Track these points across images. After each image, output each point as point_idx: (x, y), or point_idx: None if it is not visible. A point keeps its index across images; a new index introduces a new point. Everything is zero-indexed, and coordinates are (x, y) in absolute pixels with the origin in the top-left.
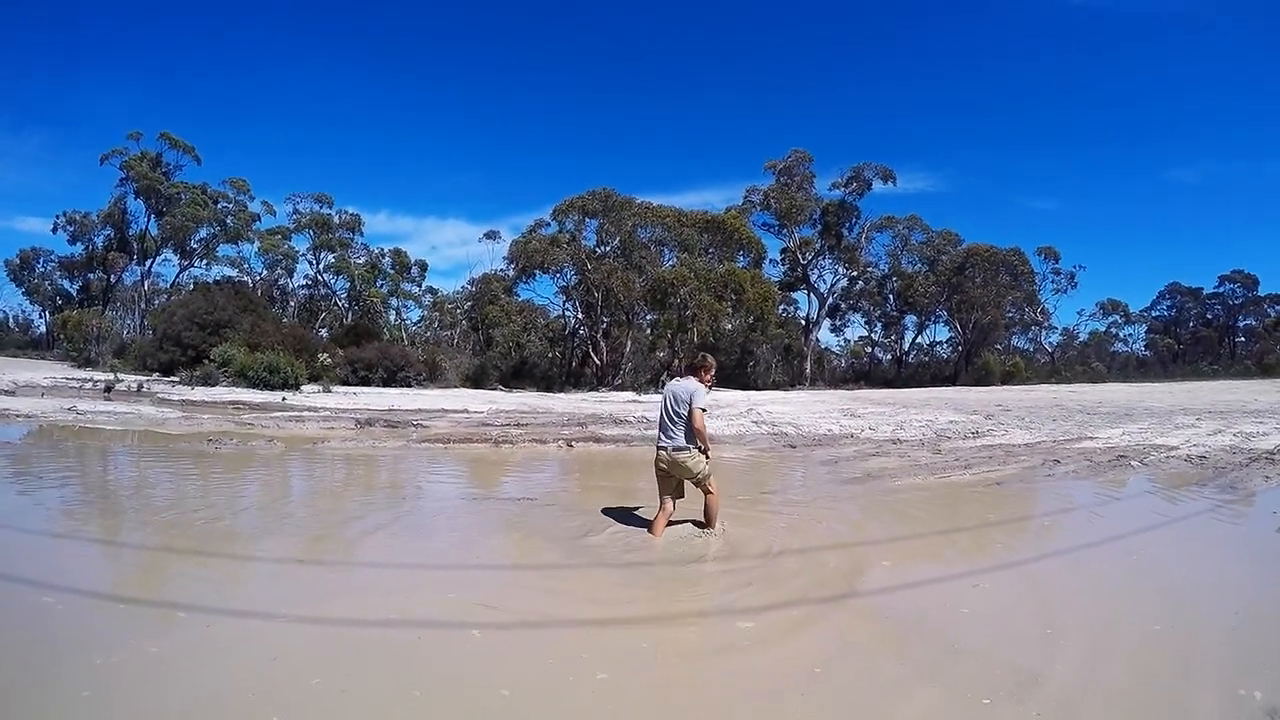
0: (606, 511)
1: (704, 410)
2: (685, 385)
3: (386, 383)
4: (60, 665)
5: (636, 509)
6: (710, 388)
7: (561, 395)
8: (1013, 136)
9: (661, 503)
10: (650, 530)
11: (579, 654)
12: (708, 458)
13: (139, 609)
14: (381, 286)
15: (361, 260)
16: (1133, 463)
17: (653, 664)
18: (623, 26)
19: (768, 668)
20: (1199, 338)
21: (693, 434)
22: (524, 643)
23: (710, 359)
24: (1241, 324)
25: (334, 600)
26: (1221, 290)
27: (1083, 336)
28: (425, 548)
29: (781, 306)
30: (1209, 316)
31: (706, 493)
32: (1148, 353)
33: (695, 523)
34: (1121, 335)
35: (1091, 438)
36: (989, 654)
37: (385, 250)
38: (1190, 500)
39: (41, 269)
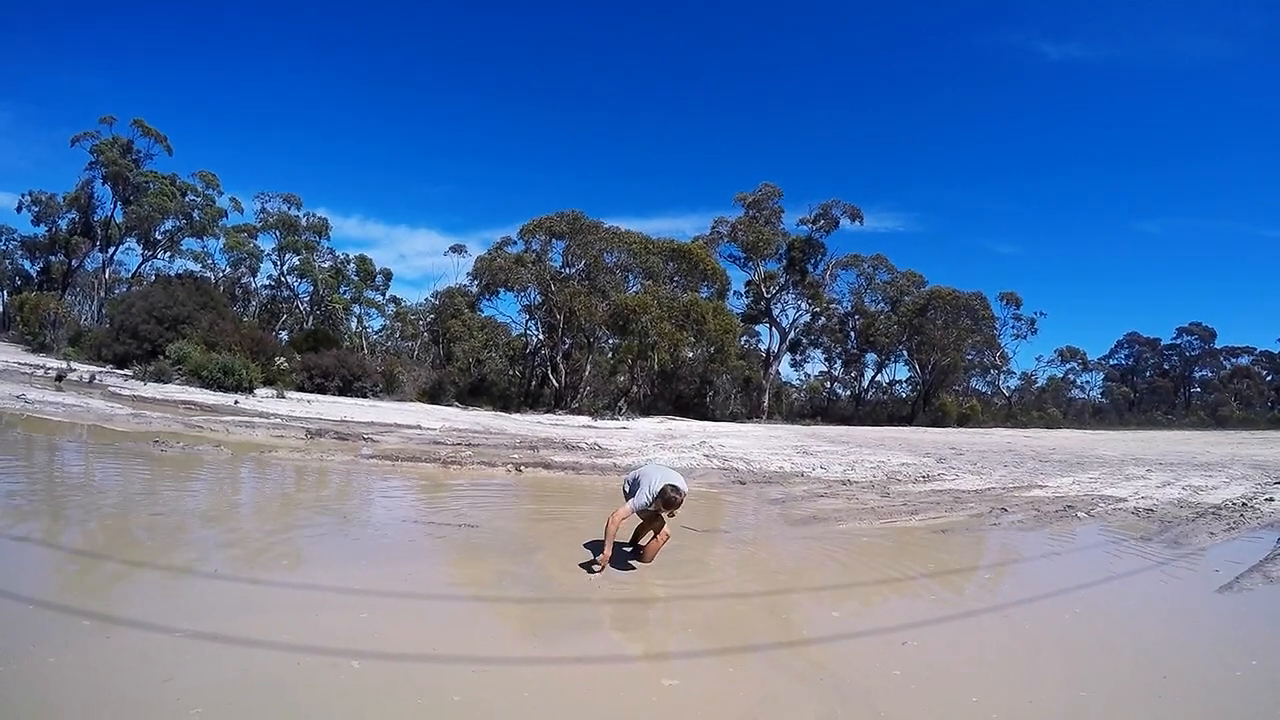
0: (541, 543)
1: (630, 509)
2: (644, 481)
3: (342, 391)
4: None
5: (572, 542)
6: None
7: (517, 416)
8: (980, 181)
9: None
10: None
11: (449, 697)
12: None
13: (47, 614)
14: (345, 293)
15: (326, 265)
16: (1080, 514)
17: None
18: (604, 50)
19: None
20: (1155, 387)
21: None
22: (397, 679)
23: (676, 507)
24: (1198, 375)
25: (239, 617)
26: (1179, 342)
27: (1040, 382)
28: (348, 568)
29: (743, 338)
30: (1165, 367)
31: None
32: (1104, 400)
33: (637, 556)
34: (1079, 382)
35: (1041, 486)
36: None
37: (350, 256)
38: (1134, 556)
39: (3, 247)
